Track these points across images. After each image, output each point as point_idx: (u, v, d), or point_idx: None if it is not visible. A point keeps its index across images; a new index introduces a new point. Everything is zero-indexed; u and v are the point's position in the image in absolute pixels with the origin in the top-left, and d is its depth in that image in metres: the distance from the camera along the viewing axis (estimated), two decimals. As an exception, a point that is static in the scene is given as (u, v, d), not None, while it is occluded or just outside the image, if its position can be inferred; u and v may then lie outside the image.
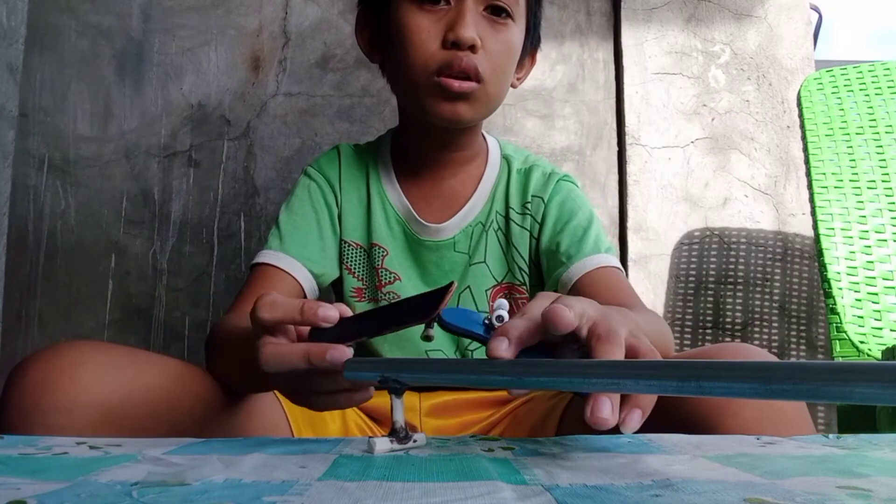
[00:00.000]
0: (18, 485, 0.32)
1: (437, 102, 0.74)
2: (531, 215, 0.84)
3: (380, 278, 0.83)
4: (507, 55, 0.77)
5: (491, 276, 0.84)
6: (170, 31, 1.34)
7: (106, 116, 1.31)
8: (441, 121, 0.76)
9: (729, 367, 0.31)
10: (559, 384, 0.38)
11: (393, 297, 0.82)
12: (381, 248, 0.83)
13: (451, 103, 0.74)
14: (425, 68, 0.73)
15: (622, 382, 0.34)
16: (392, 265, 0.83)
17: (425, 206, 0.84)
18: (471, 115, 0.76)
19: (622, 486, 0.32)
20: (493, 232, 0.84)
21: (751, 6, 1.40)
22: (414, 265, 0.84)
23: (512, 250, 0.84)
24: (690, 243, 1.34)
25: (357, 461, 0.39)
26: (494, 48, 0.75)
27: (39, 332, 1.26)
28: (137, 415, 0.54)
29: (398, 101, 0.84)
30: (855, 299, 1.07)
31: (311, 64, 1.35)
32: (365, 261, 0.84)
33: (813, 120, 1.19)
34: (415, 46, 0.74)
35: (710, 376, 0.31)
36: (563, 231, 0.82)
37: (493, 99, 0.78)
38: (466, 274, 0.83)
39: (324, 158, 0.87)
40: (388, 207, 0.84)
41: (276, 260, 0.77)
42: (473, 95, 0.74)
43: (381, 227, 0.83)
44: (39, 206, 1.28)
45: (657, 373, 0.33)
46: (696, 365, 0.32)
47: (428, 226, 0.83)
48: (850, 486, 0.31)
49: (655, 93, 1.36)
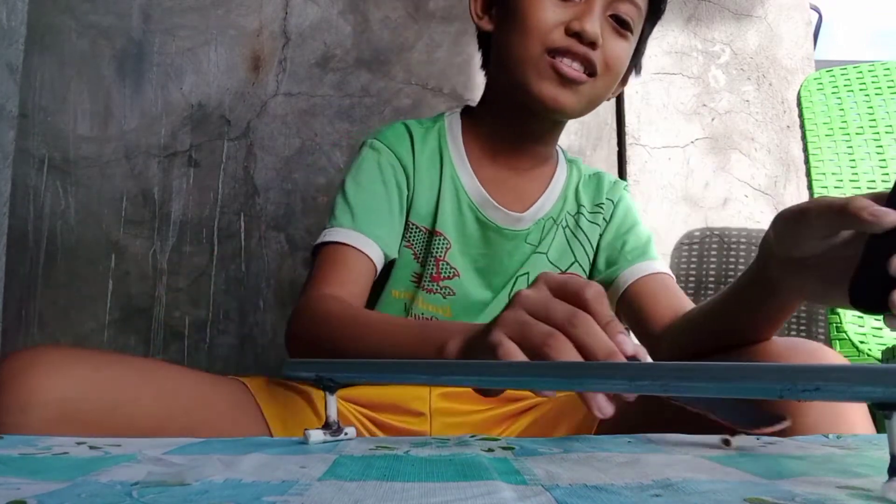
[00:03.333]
0: (18, 485, 0.32)
1: (543, 83, 0.73)
2: (603, 215, 0.87)
3: (439, 270, 0.81)
4: (620, 63, 0.78)
5: (553, 266, 0.85)
6: (170, 31, 1.34)
7: (106, 116, 1.31)
8: (541, 105, 0.75)
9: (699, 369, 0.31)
10: (477, 382, 0.42)
11: (448, 292, 0.81)
12: (445, 238, 0.81)
13: (558, 88, 0.73)
14: (541, 44, 0.73)
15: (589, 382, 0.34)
16: (454, 259, 0.81)
17: (500, 195, 0.83)
18: (571, 106, 0.76)
19: (622, 486, 0.32)
20: (561, 228, 0.86)
21: (751, 6, 1.40)
22: (482, 255, 0.83)
23: (578, 245, 0.86)
24: (690, 243, 1.34)
25: (357, 461, 0.39)
26: (611, 53, 0.75)
27: (39, 332, 1.26)
28: (98, 409, 0.55)
29: (494, 81, 0.83)
30: (855, 299, 1.07)
31: (311, 64, 1.35)
32: (426, 247, 0.82)
33: (813, 120, 1.19)
34: (538, 21, 0.73)
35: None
36: (629, 232, 0.86)
37: (596, 100, 0.79)
38: (528, 261, 0.84)
39: (391, 133, 0.84)
40: (462, 193, 0.82)
41: (351, 239, 0.74)
42: (582, 89, 0.74)
43: (450, 214, 0.82)
44: (39, 206, 1.28)
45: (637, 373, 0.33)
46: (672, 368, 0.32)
47: (510, 214, 0.82)
48: (850, 486, 0.31)
49: (655, 93, 1.36)
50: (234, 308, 1.29)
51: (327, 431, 0.47)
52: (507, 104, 0.81)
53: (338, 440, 0.48)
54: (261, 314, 1.29)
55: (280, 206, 1.31)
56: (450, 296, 0.82)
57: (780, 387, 0.31)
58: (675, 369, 0.34)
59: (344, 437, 0.48)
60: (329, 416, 0.48)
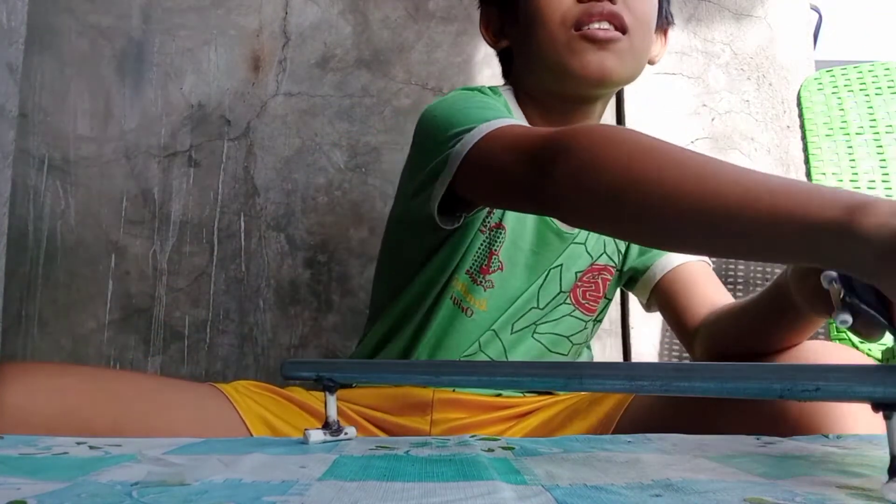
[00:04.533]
0: (18, 485, 0.32)
1: (582, 57, 0.70)
2: None
3: (490, 263, 0.78)
4: (648, 7, 0.74)
5: (588, 256, 0.81)
6: (170, 31, 1.34)
7: (106, 116, 1.31)
8: (588, 80, 0.72)
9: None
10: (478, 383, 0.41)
11: (489, 284, 0.78)
12: (504, 230, 0.77)
13: (598, 54, 0.70)
14: (563, 23, 0.70)
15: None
16: (504, 254, 0.78)
17: None
18: (619, 69, 0.72)
19: (622, 486, 0.32)
20: None
21: (751, 6, 1.40)
22: (531, 252, 0.79)
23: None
24: (690, 243, 1.34)
25: (357, 461, 0.39)
26: (634, 2, 0.72)
27: (39, 332, 1.26)
28: (52, 415, 0.57)
29: (526, 83, 0.79)
30: (855, 299, 1.07)
31: (311, 64, 1.35)
32: (487, 237, 0.77)
33: (813, 120, 1.19)
34: (551, 6, 0.71)
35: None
36: None
37: (639, 56, 0.74)
38: (563, 252, 0.80)
39: (489, 90, 0.79)
40: None
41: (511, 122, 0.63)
42: (620, 46, 0.71)
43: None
44: (39, 206, 1.28)
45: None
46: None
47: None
48: (850, 486, 0.31)
49: (655, 93, 1.36)
50: (234, 308, 1.29)
51: (327, 431, 0.48)
52: (551, 101, 0.77)
53: (338, 440, 0.48)
54: (261, 314, 1.29)
55: (280, 206, 1.31)
56: (489, 289, 0.78)
57: (780, 387, 0.31)
58: (675, 369, 0.34)
59: (344, 436, 0.48)
60: (329, 416, 0.48)
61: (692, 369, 0.34)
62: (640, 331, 1.30)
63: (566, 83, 0.74)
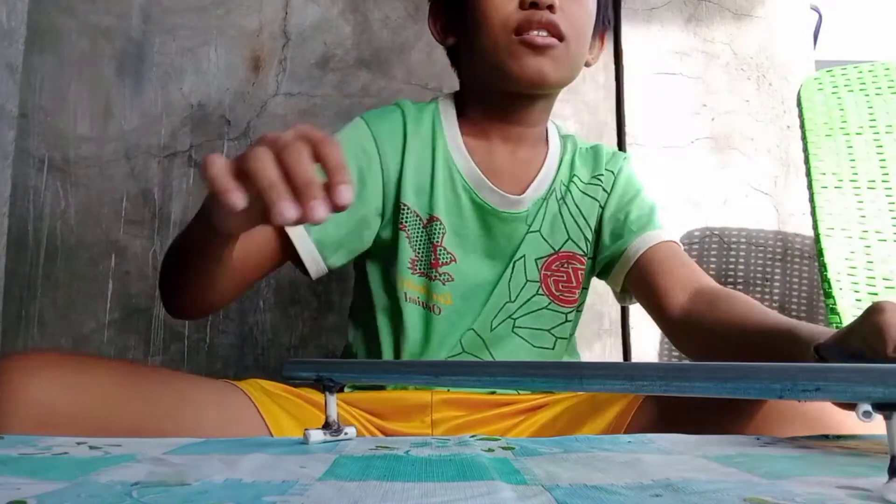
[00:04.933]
0: (18, 485, 0.32)
1: (521, 61, 0.75)
2: (602, 186, 0.86)
3: (437, 256, 0.81)
4: (585, 17, 0.79)
5: (547, 245, 0.84)
6: (170, 31, 1.34)
7: (106, 116, 1.31)
8: (525, 82, 0.76)
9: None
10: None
11: (447, 278, 0.80)
12: (441, 222, 0.81)
13: (536, 59, 0.75)
14: (504, 28, 0.75)
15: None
16: (451, 244, 0.81)
17: (496, 177, 0.82)
18: (555, 74, 0.77)
19: (622, 486, 0.32)
20: (554, 201, 0.85)
21: (751, 6, 1.40)
22: (480, 238, 0.82)
23: (578, 220, 0.85)
24: (690, 243, 1.34)
25: (357, 461, 0.39)
26: (572, 9, 0.76)
27: (39, 332, 1.26)
28: (73, 413, 0.56)
29: (471, 80, 0.85)
30: (855, 299, 1.07)
31: (311, 64, 1.35)
32: (423, 232, 0.81)
33: (813, 120, 1.19)
34: (493, 7, 0.75)
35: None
36: (631, 202, 0.84)
37: (575, 62, 0.79)
38: (524, 242, 0.83)
39: (385, 112, 0.85)
40: (457, 174, 0.82)
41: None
42: (556, 53, 0.75)
43: (443, 198, 0.81)
44: (39, 206, 1.28)
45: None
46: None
47: (507, 196, 0.82)
48: (850, 486, 0.31)
49: (655, 93, 1.36)
50: (234, 308, 1.29)
51: (327, 431, 0.47)
52: (493, 96, 0.82)
53: (338, 440, 0.48)
54: (261, 314, 1.29)
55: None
56: (449, 282, 0.81)
57: (780, 387, 0.31)
58: (676, 369, 0.34)
59: (344, 436, 0.48)
60: (329, 416, 0.48)
61: (692, 369, 0.34)
62: (640, 331, 1.30)
63: (506, 83, 0.78)
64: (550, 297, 0.84)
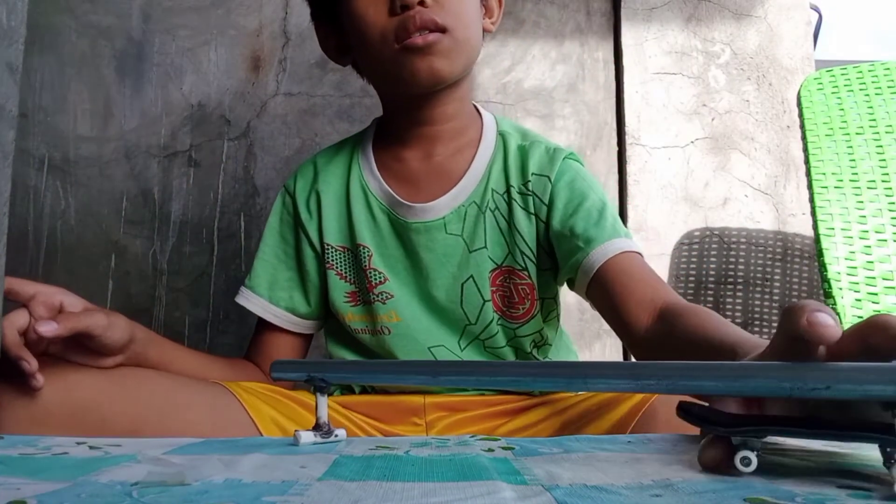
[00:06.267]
0: (18, 485, 0.32)
1: (410, 67, 0.72)
2: (536, 196, 0.78)
3: (369, 279, 0.81)
4: (460, 2, 0.75)
5: (490, 261, 0.79)
6: (170, 31, 1.34)
7: (106, 116, 1.31)
8: (421, 83, 0.74)
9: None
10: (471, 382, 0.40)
11: (386, 296, 0.80)
12: (366, 247, 0.81)
13: (425, 59, 0.72)
14: (384, 40, 0.73)
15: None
16: (379, 264, 0.81)
17: (412, 188, 0.81)
18: (448, 67, 0.74)
19: (622, 486, 0.32)
20: (490, 213, 0.79)
21: (751, 6, 1.40)
22: (404, 255, 0.81)
23: (514, 233, 0.79)
24: (690, 243, 1.34)
25: (357, 461, 0.39)
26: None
27: (39, 332, 1.26)
28: (68, 412, 0.57)
29: (377, 89, 0.84)
30: (855, 299, 1.07)
31: (311, 64, 1.35)
32: (352, 263, 0.82)
33: (813, 120, 1.19)
34: (369, 25, 0.73)
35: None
36: (576, 213, 0.76)
37: (466, 46, 0.75)
38: (468, 262, 0.79)
39: (300, 171, 0.88)
40: (371, 198, 0.82)
41: (245, 301, 0.86)
42: (442, 46, 0.72)
43: (364, 223, 0.81)
44: (39, 206, 1.28)
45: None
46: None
47: (413, 206, 0.79)
48: (850, 486, 0.31)
49: (655, 93, 1.36)
50: (234, 308, 1.28)
51: (318, 433, 0.47)
52: (397, 103, 0.82)
53: (328, 442, 0.47)
54: (261, 314, 1.29)
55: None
56: (389, 300, 0.80)
57: (790, 385, 0.31)
58: (682, 368, 0.34)
59: (334, 438, 0.48)
60: (319, 418, 0.47)
61: (699, 368, 0.34)
62: (640, 331, 1.30)
63: (406, 87, 0.76)
64: (499, 314, 0.80)
